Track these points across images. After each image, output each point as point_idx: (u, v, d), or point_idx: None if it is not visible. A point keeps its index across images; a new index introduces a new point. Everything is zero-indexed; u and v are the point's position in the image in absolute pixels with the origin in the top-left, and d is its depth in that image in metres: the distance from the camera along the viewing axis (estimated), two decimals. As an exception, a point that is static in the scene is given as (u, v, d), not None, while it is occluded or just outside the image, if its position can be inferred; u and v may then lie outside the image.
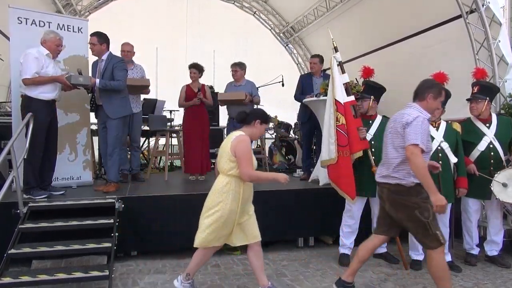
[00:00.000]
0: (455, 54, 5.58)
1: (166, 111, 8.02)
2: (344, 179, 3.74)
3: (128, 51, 5.15)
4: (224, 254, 4.18)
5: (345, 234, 3.92)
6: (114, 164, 4.31)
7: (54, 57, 4.06)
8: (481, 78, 3.97)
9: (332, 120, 3.81)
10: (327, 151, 3.83)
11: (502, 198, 3.56)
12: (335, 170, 3.79)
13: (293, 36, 10.76)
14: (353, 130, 3.74)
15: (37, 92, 3.83)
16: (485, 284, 3.41)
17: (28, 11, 4.38)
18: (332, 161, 3.78)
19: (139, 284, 3.38)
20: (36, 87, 3.82)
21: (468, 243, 3.93)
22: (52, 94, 3.95)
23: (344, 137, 3.72)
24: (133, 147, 5.31)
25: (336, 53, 3.97)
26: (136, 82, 5.03)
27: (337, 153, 3.73)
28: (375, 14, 7.29)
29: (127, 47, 5.18)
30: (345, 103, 3.82)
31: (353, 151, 3.73)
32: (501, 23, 4.97)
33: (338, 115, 3.78)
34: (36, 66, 3.80)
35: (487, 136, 3.75)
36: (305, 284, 3.41)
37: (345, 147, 3.72)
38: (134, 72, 5.20)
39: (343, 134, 3.73)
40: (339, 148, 3.73)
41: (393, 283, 3.42)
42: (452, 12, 5.50)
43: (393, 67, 6.68)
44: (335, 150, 3.74)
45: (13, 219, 3.40)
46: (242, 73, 5.46)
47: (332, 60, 3.95)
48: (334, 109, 3.81)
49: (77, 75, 4.10)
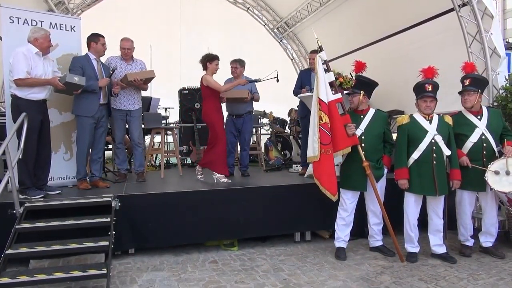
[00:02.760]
0: (448, 47, 5.62)
1: (161, 108, 8.02)
2: (326, 177, 3.82)
3: (128, 48, 4.82)
4: (221, 250, 4.21)
5: (340, 227, 3.95)
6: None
7: (45, 55, 3.99)
8: (470, 71, 3.99)
9: (316, 118, 3.86)
10: (312, 148, 3.90)
11: (497, 187, 3.59)
12: (318, 167, 3.88)
13: (287, 32, 10.76)
14: (339, 127, 3.80)
15: (27, 93, 3.80)
16: (480, 275, 3.45)
17: (20, 10, 4.33)
18: (316, 158, 3.85)
19: (138, 281, 3.39)
20: (24, 88, 3.78)
21: (462, 234, 3.98)
22: (41, 94, 3.91)
23: (326, 135, 3.80)
24: (134, 144, 5.03)
25: (321, 52, 3.99)
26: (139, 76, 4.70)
27: (320, 151, 3.80)
28: (368, 9, 7.31)
29: (127, 44, 4.82)
30: (329, 101, 3.86)
31: (340, 147, 3.79)
32: (493, 16, 5.00)
33: (321, 114, 3.83)
34: (26, 65, 3.76)
35: (479, 128, 3.78)
36: (302, 278, 3.44)
37: (327, 145, 3.80)
38: (133, 68, 4.94)
39: (325, 132, 3.80)
40: (321, 146, 3.80)
41: (389, 276, 3.45)
42: (445, 6, 5.53)
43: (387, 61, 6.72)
44: (318, 148, 3.81)
45: (10, 220, 3.39)
46: (241, 70, 5.46)
47: (317, 59, 3.98)
48: (318, 108, 3.85)
49: (72, 74, 4.03)
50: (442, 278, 3.39)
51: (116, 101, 4.79)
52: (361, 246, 4.25)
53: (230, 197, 4.23)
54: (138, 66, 4.96)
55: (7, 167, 3.43)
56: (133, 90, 4.86)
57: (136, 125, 4.94)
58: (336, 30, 8.30)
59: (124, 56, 4.85)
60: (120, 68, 4.81)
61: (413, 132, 3.75)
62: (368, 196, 3.94)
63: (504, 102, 4.71)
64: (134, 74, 4.68)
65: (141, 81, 4.68)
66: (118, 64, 4.83)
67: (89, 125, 4.37)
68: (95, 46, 4.45)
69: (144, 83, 4.82)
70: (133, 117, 4.88)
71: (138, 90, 4.93)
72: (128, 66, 4.87)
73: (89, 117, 4.34)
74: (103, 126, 4.59)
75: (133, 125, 4.92)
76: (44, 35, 3.93)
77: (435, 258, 3.83)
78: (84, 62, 4.34)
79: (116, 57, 4.89)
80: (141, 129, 5.07)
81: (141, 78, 4.67)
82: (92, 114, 4.35)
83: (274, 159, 7.16)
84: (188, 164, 7.42)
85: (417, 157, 3.71)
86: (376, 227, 4.02)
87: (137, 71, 4.86)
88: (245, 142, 5.52)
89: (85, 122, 4.35)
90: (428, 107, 3.71)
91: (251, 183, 4.83)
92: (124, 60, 4.88)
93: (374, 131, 3.87)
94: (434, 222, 3.81)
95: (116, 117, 4.82)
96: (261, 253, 4.13)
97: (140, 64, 5.00)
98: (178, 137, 6.94)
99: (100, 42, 4.47)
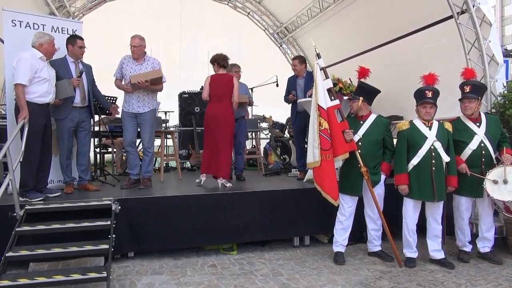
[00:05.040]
0: (446, 54, 5.65)
1: (161, 112, 8.04)
2: (327, 182, 3.85)
3: (135, 46, 4.53)
4: (220, 254, 4.22)
5: (338, 231, 3.97)
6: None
7: (48, 59, 4.03)
8: (470, 78, 4.02)
9: (315, 124, 3.90)
10: (312, 154, 3.93)
11: (496, 196, 3.62)
12: (319, 172, 3.91)
13: (287, 37, 10.80)
14: (337, 134, 3.84)
15: (32, 96, 3.81)
16: (478, 280, 3.47)
17: (22, 14, 4.36)
18: (316, 164, 3.88)
19: (137, 285, 3.40)
20: (30, 91, 3.80)
21: (460, 240, 4.00)
22: (46, 98, 3.94)
23: (326, 141, 3.83)
24: (143, 149, 4.77)
25: (319, 59, 4.02)
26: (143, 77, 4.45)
27: (320, 156, 3.84)
28: (368, 15, 7.35)
29: (134, 41, 4.56)
30: (328, 108, 3.90)
31: (338, 153, 3.83)
32: (491, 23, 5.05)
33: (321, 120, 3.87)
34: (30, 72, 3.76)
35: (477, 135, 3.81)
36: (301, 283, 3.44)
37: (328, 151, 3.83)
38: (143, 67, 4.61)
39: (325, 138, 3.84)
40: (322, 152, 3.84)
41: (388, 281, 3.47)
42: (444, 13, 5.57)
43: (386, 66, 6.75)
44: (319, 153, 3.84)
45: (10, 222, 3.40)
46: (239, 75, 5.49)
47: (315, 66, 4.02)
48: (317, 114, 3.89)
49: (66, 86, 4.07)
50: (440, 283, 3.40)
51: (126, 103, 4.64)
52: (360, 251, 4.26)
53: (230, 201, 4.24)
54: (149, 66, 4.63)
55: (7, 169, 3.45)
56: (144, 92, 4.60)
57: (145, 129, 4.65)
58: (336, 36, 8.34)
59: (133, 54, 4.58)
60: (130, 68, 4.59)
61: (413, 138, 3.77)
62: (367, 202, 3.96)
63: (502, 109, 4.74)
64: (138, 76, 4.47)
65: (147, 83, 4.44)
66: (129, 64, 4.60)
67: (67, 129, 4.29)
68: (72, 48, 4.34)
69: (153, 84, 4.53)
70: (143, 119, 4.62)
71: (150, 92, 4.64)
72: (138, 66, 4.60)
73: (64, 119, 4.27)
74: (86, 129, 4.50)
75: (142, 129, 4.68)
76: (49, 40, 3.96)
77: (433, 263, 3.85)
78: (60, 65, 4.25)
79: (129, 56, 4.66)
80: (152, 134, 4.75)
81: (146, 80, 4.44)
82: (64, 117, 4.27)
83: (273, 163, 7.18)
84: (188, 168, 7.43)
85: (416, 163, 3.74)
86: (374, 233, 4.03)
87: (147, 71, 4.57)
88: (240, 146, 5.53)
89: (61, 125, 4.30)
90: (428, 113, 3.74)
91: (250, 187, 4.84)
92: (135, 60, 4.61)
93: (372, 137, 3.90)
94: (432, 227, 3.83)
95: (124, 119, 4.63)
96: (260, 257, 4.14)
97: (152, 63, 4.65)
98: (177, 141, 6.96)
99: (77, 45, 4.34)
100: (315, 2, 8.71)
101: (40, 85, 3.88)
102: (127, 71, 4.60)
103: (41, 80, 3.87)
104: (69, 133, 4.34)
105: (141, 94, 4.62)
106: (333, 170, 3.86)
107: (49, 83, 3.97)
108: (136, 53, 4.58)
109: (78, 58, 4.42)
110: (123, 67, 4.64)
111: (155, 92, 4.75)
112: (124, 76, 4.63)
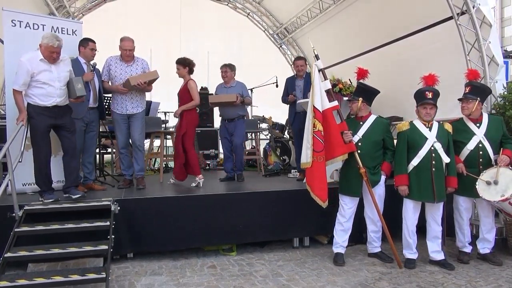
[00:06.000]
0: (446, 55, 5.65)
1: (161, 112, 8.03)
2: (317, 183, 3.85)
3: (130, 50, 4.55)
4: (220, 255, 4.21)
5: (338, 232, 3.97)
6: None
7: (52, 62, 3.79)
8: (473, 79, 4.02)
9: (310, 126, 3.90)
10: (305, 155, 3.93)
11: (485, 196, 3.61)
12: (310, 173, 3.91)
13: (287, 37, 10.80)
14: (336, 135, 3.83)
15: (30, 99, 3.76)
16: (478, 282, 3.46)
17: (22, 14, 4.35)
18: (308, 164, 3.89)
19: (136, 286, 3.39)
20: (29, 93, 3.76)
21: (460, 241, 3.99)
22: (45, 102, 3.78)
23: (319, 143, 3.83)
24: (134, 147, 4.75)
25: (317, 60, 4.02)
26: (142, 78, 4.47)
27: (312, 158, 3.83)
28: (367, 16, 7.35)
29: (129, 45, 4.55)
30: (324, 110, 3.89)
31: (337, 154, 3.84)
32: (491, 25, 5.05)
33: (315, 121, 3.87)
34: (26, 76, 3.66)
35: (476, 136, 3.81)
36: (300, 284, 3.44)
37: (320, 153, 3.83)
38: (133, 69, 4.63)
39: (318, 140, 3.84)
40: (314, 154, 3.84)
41: (388, 282, 3.46)
42: (444, 14, 5.57)
43: (386, 67, 6.75)
44: (311, 155, 3.84)
45: (9, 223, 3.39)
46: (232, 75, 5.45)
47: (313, 68, 4.02)
48: (312, 115, 3.88)
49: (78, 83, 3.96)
50: (440, 284, 3.40)
51: (118, 105, 4.61)
52: (360, 252, 4.26)
53: (229, 202, 4.23)
54: (139, 67, 4.66)
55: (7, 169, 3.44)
56: (136, 93, 4.63)
57: (136, 126, 4.66)
58: (336, 36, 8.34)
59: (125, 57, 4.59)
60: (120, 70, 4.59)
61: (413, 139, 3.77)
62: (367, 203, 3.96)
63: (502, 110, 4.73)
64: (137, 77, 4.46)
65: (145, 84, 4.49)
66: (118, 65, 4.60)
67: (78, 128, 4.25)
68: (84, 50, 4.45)
69: (148, 85, 4.61)
70: (135, 119, 4.64)
71: (141, 92, 4.69)
72: (128, 68, 4.60)
73: (78, 119, 4.27)
74: (94, 130, 4.56)
75: (133, 127, 4.66)
76: (46, 44, 3.71)
77: (433, 264, 3.84)
78: (73, 66, 4.21)
79: (116, 57, 4.65)
80: (143, 132, 4.78)
81: (145, 81, 4.47)
82: (80, 116, 4.30)
83: (273, 164, 7.17)
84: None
85: (416, 164, 3.74)
86: (374, 234, 4.03)
87: (139, 72, 4.62)
88: (237, 146, 5.52)
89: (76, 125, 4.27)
90: (428, 114, 3.74)
91: (250, 188, 4.83)
92: (124, 61, 4.62)
93: (371, 138, 3.90)
94: (432, 228, 3.83)
95: (118, 121, 4.64)
96: (259, 258, 4.14)
97: (142, 64, 4.69)
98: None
99: (89, 47, 4.44)
100: (315, 2, 8.71)
101: (38, 88, 3.74)
102: (117, 72, 4.61)
103: (38, 83, 3.73)
104: (80, 133, 4.37)
105: (133, 95, 4.63)
106: (323, 172, 3.86)
107: (49, 87, 3.78)
108: (129, 56, 4.61)
109: (89, 60, 4.51)
110: (111, 69, 4.62)
111: (144, 92, 4.83)
112: (114, 78, 4.62)
